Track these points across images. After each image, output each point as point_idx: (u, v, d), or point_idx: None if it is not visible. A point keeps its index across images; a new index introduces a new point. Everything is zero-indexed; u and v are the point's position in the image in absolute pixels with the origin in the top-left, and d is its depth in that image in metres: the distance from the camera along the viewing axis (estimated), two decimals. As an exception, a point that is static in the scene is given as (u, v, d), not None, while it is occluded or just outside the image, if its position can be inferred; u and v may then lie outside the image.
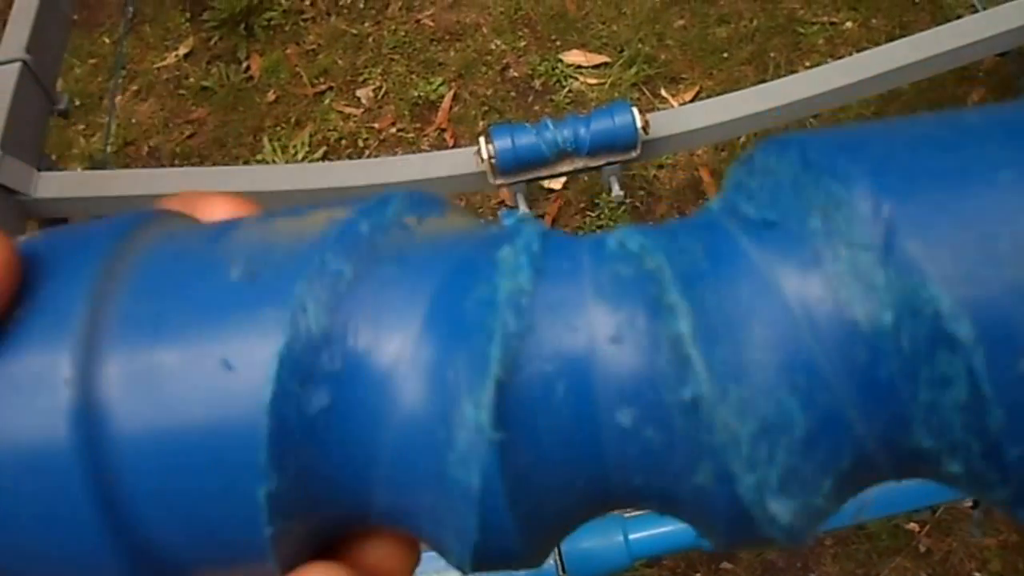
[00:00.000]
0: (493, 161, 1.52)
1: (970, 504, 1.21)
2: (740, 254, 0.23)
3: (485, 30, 2.35)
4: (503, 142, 1.50)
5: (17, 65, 1.30)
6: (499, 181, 1.55)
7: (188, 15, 2.48)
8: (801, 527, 0.23)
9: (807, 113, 2.11)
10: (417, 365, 0.23)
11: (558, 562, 1.15)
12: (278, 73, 2.37)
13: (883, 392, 0.21)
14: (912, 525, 1.79)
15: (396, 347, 0.23)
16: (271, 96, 2.32)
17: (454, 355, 0.23)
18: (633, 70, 2.24)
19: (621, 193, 1.51)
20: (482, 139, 1.53)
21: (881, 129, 0.24)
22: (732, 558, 1.78)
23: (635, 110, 1.47)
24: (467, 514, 0.22)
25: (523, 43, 2.32)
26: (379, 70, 2.33)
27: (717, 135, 1.62)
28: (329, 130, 2.30)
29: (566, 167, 1.52)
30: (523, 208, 1.56)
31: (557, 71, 2.26)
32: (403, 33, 2.40)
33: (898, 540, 1.78)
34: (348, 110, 2.32)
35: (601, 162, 1.51)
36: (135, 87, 2.41)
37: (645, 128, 1.48)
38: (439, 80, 2.28)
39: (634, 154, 1.49)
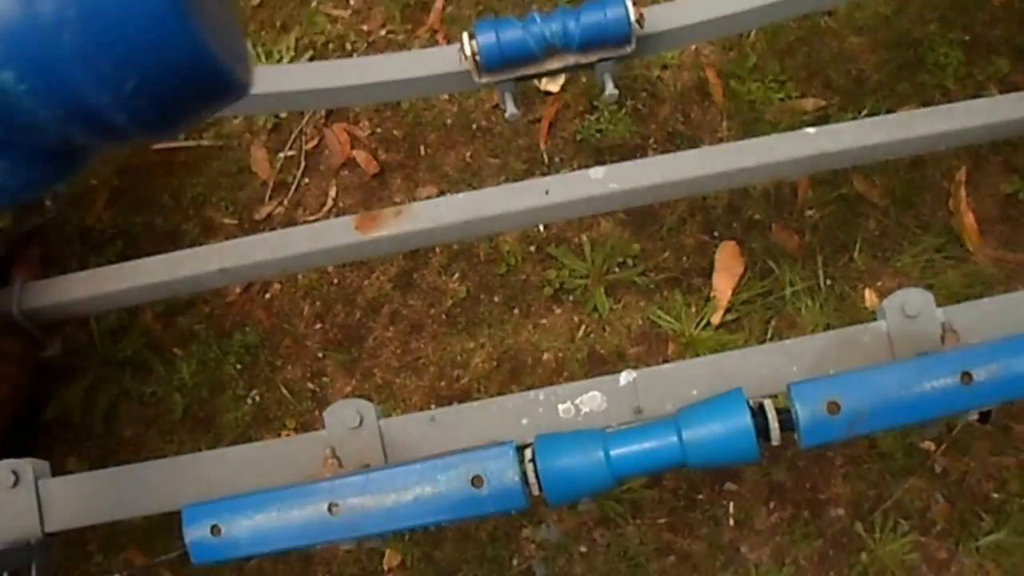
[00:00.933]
0: (477, 58, 1.39)
1: (976, 417, 1.11)
2: None
3: (481, -78, 2.19)
4: (487, 37, 1.37)
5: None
6: (484, 79, 1.42)
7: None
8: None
9: (819, 7, 1.95)
10: None
11: (534, 482, 1.08)
12: (262, -27, 2.23)
13: None
14: (927, 444, 1.71)
15: None
16: (255, 0, 2.19)
17: None
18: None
19: (616, 92, 1.39)
20: (465, 35, 1.40)
21: None
22: (737, 479, 1.71)
23: (629, 2, 1.33)
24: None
25: (521, -64, 2.17)
26: (368, -32, 2.19)
27: (719, 29, 1.48)
28: (316, 33, 2.17)
29: (556, 64, 1.39)
30: (511, 110, 1.44)
31: (557, -34, 2.11)
32: (394, -73, 2.24)
33: (912, 459, 1.69)
34: (336, 12, 2.19)
35: (593, 59, 1.38)
36: None
37: (640, 21, 1.34)
38: (432, -22, 2.14)
39: (628, 50, 1.36)
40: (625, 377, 1.25)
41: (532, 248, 1.92)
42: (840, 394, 1.07)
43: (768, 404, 1.08)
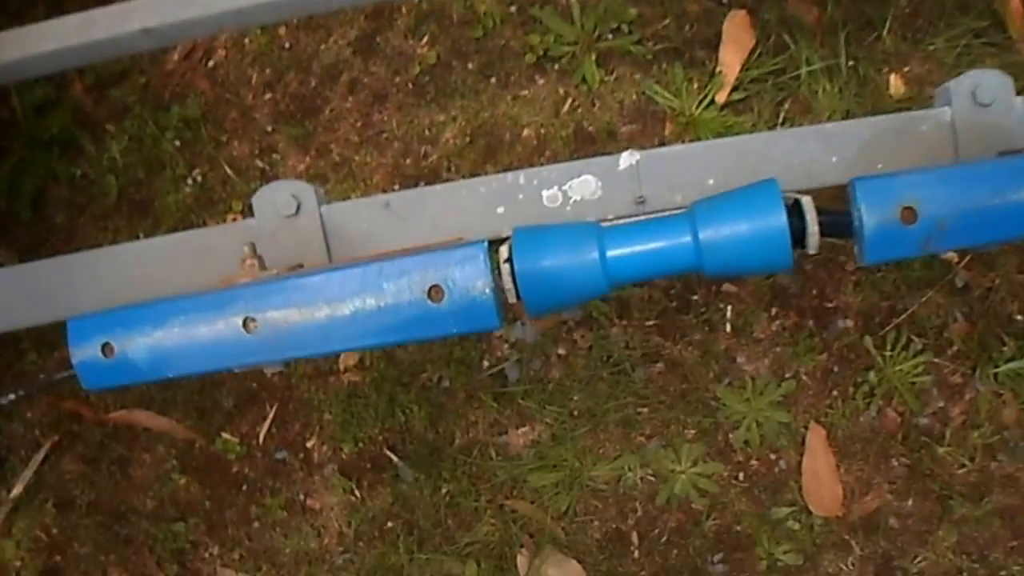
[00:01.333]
0: None
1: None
2: None
3: None
4: None
5: None
6: None
7: None
8: None
9: None
10: None
11: (511, 287, 0.87)
12: None
13: None
14: (950, 254, 1.52)
15: None
16: None
17: None
18: None
19: None
20: None
21: None
22: (736, 280, 1.52)
23: None
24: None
25: None
26: None
27: None
28: None
29: None
30: None
31: None
32: None
33: (932, 270, 1.51)
34: None
35: None
36: None
37: None
38: None
39: None
40: (626, 159, 1.03)
41: (512, 8, 1.63)
42: (917, 198, 0.84)
43: (807, 202, 0.86)
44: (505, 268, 0.87)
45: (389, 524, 1.55)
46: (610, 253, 0.89)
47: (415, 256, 0.86)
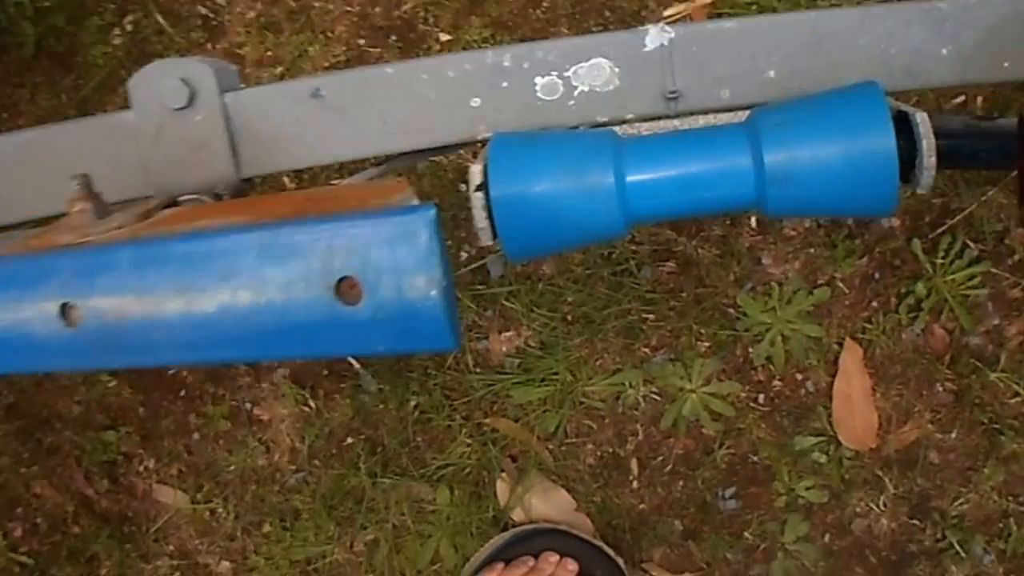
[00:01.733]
0: None
1: None
2: None
3: None
4: None
5: None
6: None
7: None
8: None
9: None
10: None
11: (486, 226, 0.64)
12: None
13: None
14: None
15: None
16: None
17: None
18: None
19: None
20: None
21: None
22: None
23: None
24: None
25: None
26: None
27: None
28: None
29: None
30: None
31: None
32: None
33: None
34: None
35: None
36: None
37: None
38: None
39: None
40: (655, 36, 0.75)
41: None
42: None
43: (922, 121, 0.62)
44: (477, 197, 0.63)
45: (349, 440, 1.34)
46: (631, 178, 0.64)
47: (315, 224, 0.54)
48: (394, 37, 1.30)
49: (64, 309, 0.55)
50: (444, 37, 1.31)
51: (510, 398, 1.29)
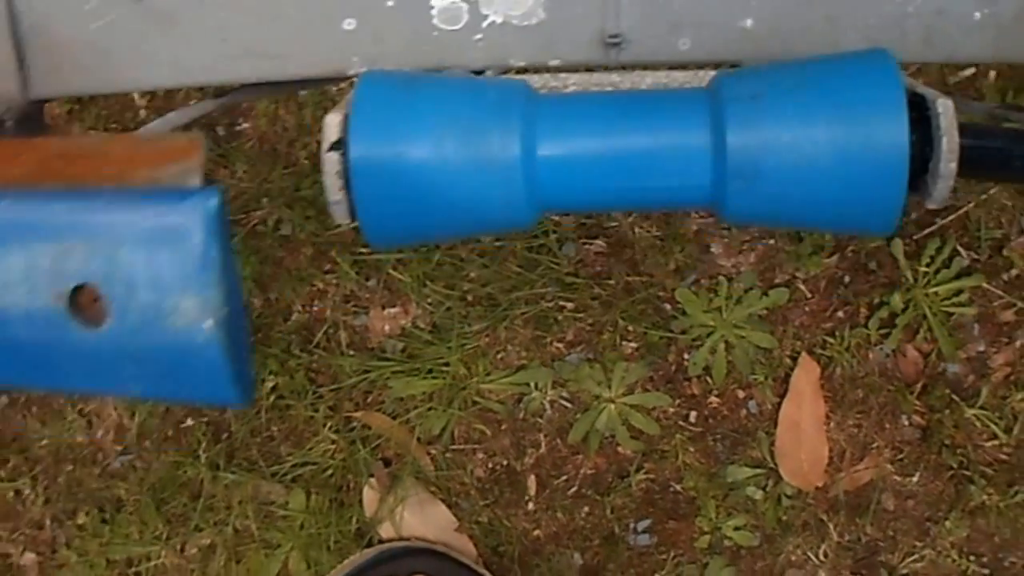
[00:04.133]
0: None
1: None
2: None
3: None
4: None
5: None
6: None
7: None
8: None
9: None
10: None
11: (341, 198, 0.47)
12: None
13: None
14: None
15: None
16: None
17: None
18: None
19: None
20: None
21: None
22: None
23: None
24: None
25: None
26: None
27: None
28: None
29: None
30: None
31: None
32: None
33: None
34: None
35: None
36: None
37: None
38: None
39: None
40: None
41: None
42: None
43: (945, 107, 0.45)
44: (330, 158, 0.46)
45: (188, 422, 1.10)
46: (544, 151, 0.47)
47: (47, 199, 0.40)
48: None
49: None
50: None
51: (388, 389, 1.06)
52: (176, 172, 0.41)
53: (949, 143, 0.44)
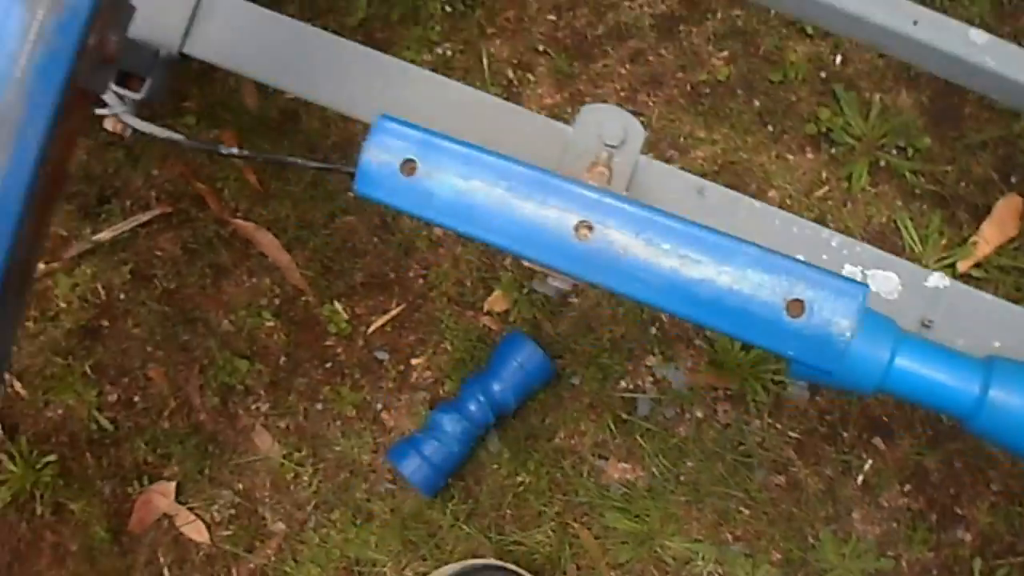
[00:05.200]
0: None
1: None
2: None
3: None
4: None
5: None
6: None
7: None
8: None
9: None
10: None
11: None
12: None
13: None
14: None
15: None
16: None
17: None
18: None
19: None
20: None
21: None
22: (888, 439, 1.45)
23: None
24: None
25: None
26: None
27: None
28: None
29: None
30: None
31: None
32: None
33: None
34: None
35: None
36: None
37: None
38: None
39: None
40: (936, 280, 1.06)
41: (821, 74, 1.56)
42: None
43: None
44: None
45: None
46: (899, 361, 0.88)
47: (788, 263, 0.78)
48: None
49: (578, 226, 0.78)
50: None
51: (602, 517, 1.42)
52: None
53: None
